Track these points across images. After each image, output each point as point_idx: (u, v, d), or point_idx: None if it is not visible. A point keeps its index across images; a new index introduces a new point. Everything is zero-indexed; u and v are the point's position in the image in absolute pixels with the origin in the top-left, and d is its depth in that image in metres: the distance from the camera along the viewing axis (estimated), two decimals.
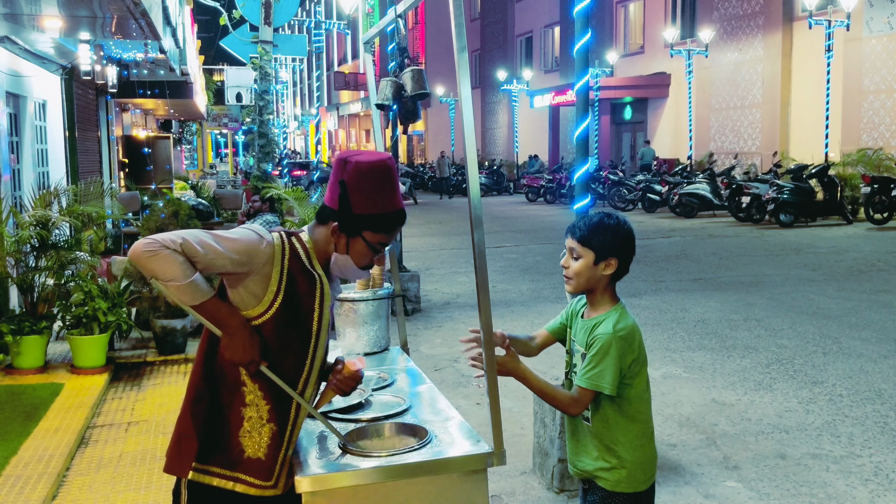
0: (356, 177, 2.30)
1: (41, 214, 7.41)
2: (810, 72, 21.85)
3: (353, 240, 2.33)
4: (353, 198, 2.30)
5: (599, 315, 2.59)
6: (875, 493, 4.37)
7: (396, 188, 2.38)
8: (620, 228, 2.59)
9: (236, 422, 2.32)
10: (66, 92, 11.63)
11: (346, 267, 2.38)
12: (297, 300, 2.30)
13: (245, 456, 2.32)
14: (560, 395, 2.58)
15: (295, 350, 2.34)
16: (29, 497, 4.42)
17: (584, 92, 4.41)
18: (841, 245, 14.17)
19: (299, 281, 2.30)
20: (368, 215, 2.31)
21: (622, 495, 2.60)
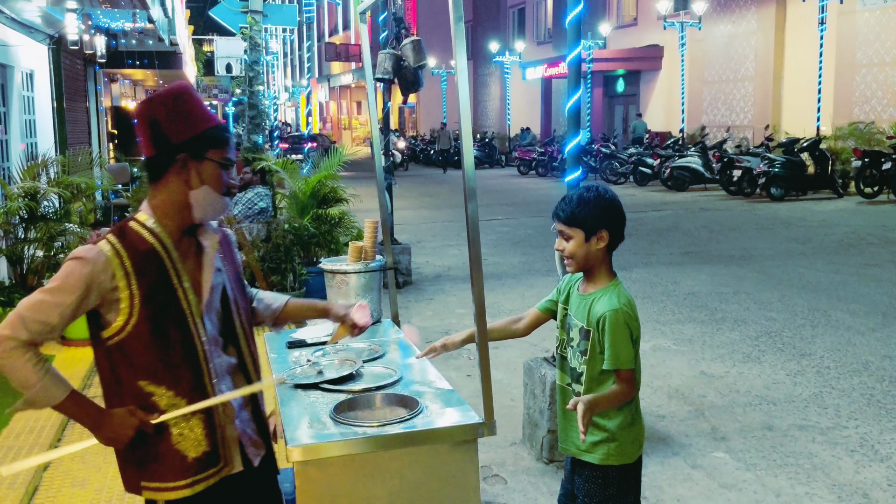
0: (165, 110, 2.20)
1: (29, 185, 7.37)
2: (803, 45, 21.79)
3: (202, 166, 2.21)
4: (175, 128, 2.19)
5: (597, 290, 2.61)
6: (860, 463, 4.42)
7: (202, 104, 2.28)
8: (602, 199, 2.59)
9: (164, 433, 2.22)
10: (54, 62, 11.51)
11: (208, 199, 2.24)
12: (154, 290, 2.17)
13: (190, 459, 2.24)
14: (612, 394, 2.55)
15: (177, 336, 2.20)
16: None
17: (577, 64, 4.39)
18: (831, 219, 14.22)
19: (149, 271, 2.17)
20: (199, 135, 2.21)
21: (612, 468, 2.63)
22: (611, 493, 2.64)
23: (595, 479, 2.65)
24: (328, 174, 8.32)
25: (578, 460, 2.69)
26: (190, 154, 2.20)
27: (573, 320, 2.66)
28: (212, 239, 2.32)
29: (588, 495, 2.66)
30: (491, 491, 4.21)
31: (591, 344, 2.57)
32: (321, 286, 4.27)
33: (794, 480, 4.24)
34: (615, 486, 2.64)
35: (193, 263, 2.29)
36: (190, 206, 2.24)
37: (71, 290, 2.10)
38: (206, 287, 2.29)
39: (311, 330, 3.38)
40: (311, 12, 42.94)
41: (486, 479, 4.34)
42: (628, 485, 2.67)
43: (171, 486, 2.24)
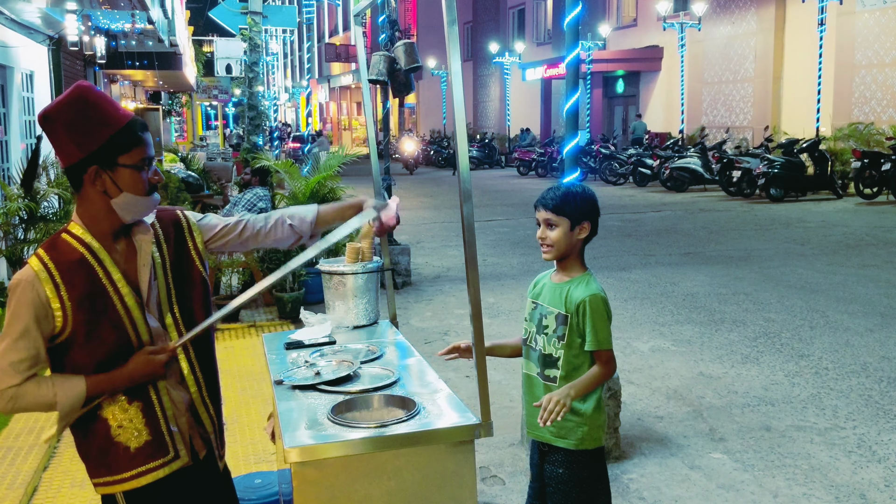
0: (63, 121, 2.15)
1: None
2: (803, 46, 21.79)
3: (115, 174, 2.17)
4: (72, 142, 2.14)
5: (573, 278, 2.77)
6: (858, 464, 4.43)
7: (107, 105, 2.19)
8: (586, 194, 2.78)
9: (103, 428, 2.25)
10: (54, 63, 11.52)
11: (132, 205, 2.22)
12: (86, 299, 2.18)
13: (133, 450, 2.27)
14: (593, 377, 2.71)
15: (114, 339, 2.22)
16: (20, 468, 4.44)
17: (575, 65, 4.40)
18: (830, 219, 14.23)
19: (78, 281, 2.17)
20: (105, 142, 2.15)
21: (585, 452, 2.75)
22: (583, 477, 2.76)
23: (568, 464, 2.76)
24: (327, 175, 8.33)
25: (549, 447, 2.80)
26: (100, 165, 2.16)
27: (547, 309, 2.78)
28: (144, 236, 2.30)
29: (561, 481, 2.76)
30: (489, 492, 4.22)
31: (570, 328, 2.71)
32: (320, 286, 4.29)
33: (791, 481, 4.25)
34: (587, 470, 2.77)
35: (131, 265, 2.29)
36: (114, 212, 2.22)
37: (22, 320, 2.13)
38: (144, 287, 2.28)
39: (309, 331, 3.39)
40: (311, 13, 42.97)
41: (484, 479, 4.36)
42: (599, 468, 2.80)
43: (117, 478, 2.27)
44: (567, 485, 2.74)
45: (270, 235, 2.57)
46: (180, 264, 2.40)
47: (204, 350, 2.46)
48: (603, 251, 11.43)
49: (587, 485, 2.76)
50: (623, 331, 7.26)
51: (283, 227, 2.58)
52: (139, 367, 2.24)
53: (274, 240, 2.59)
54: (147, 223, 2.34)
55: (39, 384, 2.15)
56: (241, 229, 2.54)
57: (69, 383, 2.17)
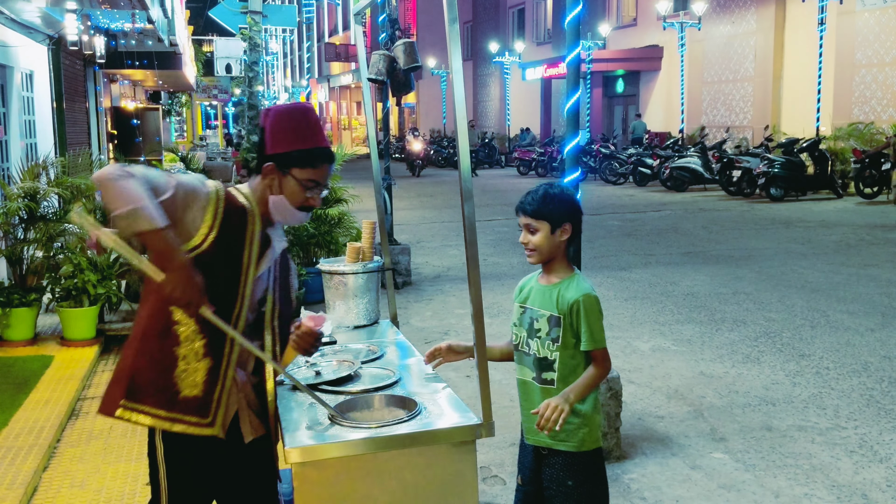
0: (277, 119, 2.46)
1: (29, 186, 7.36)
2: (803, 45, 21.78)
3: (284, 179, 2.44)
4: (270, 139, 2.45)
5: (563, 280, 2.75)
6: (859, 464, 4.42)
7: (320, 129, 2.50)
8: (565, 194, 2.76)
9: (171, 362, 2.39)
10: (54, 62, 11.51)
11: (283, 208, 2.47)
12: (229, 236, 2.39)
13: (181, 396, 2.40)
14: (592, 377, 2.69)
15: (225, 282, 2.41)
16: (20, 468, 4.43)
17: (576, 64, 4.39)
18: (831, 219, 14.22)
19: (233, 219, 2.41)
20: (290, 151, 2.43)
21: (587, 453, 2.74)
22: (584, 479, 2.74)
23: (570, 466, 2.73)
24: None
25: (549, 450, 2.77)
26: (276, 166, 2.44)
27: (538, 312, 2.76)
28: (279, 242, 2.57)
29: (563, 484, 2.73)
30: (490, 492, 4.21)
31: (564, 330, 2.69)
32: (320, 287, 4.28)
33: (793, 481, 4.24)
34: (589, 471, 2.75)
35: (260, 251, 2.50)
36: (267, 206, 2.49)
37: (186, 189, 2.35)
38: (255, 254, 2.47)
39: None
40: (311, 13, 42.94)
41: (485, 479, 4.35)
42: (600, 468, 2.79)
43: (150, 411, 2.39)
44: (570, 487, 2.72)
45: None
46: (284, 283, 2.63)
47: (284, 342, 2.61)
48: (603, 251, 11.43)
49: (589, 486, 2.75)
50: (623, 330, 7.25)
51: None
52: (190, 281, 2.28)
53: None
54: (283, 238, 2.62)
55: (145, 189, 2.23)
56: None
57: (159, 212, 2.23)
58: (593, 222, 14.30)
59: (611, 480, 4.25)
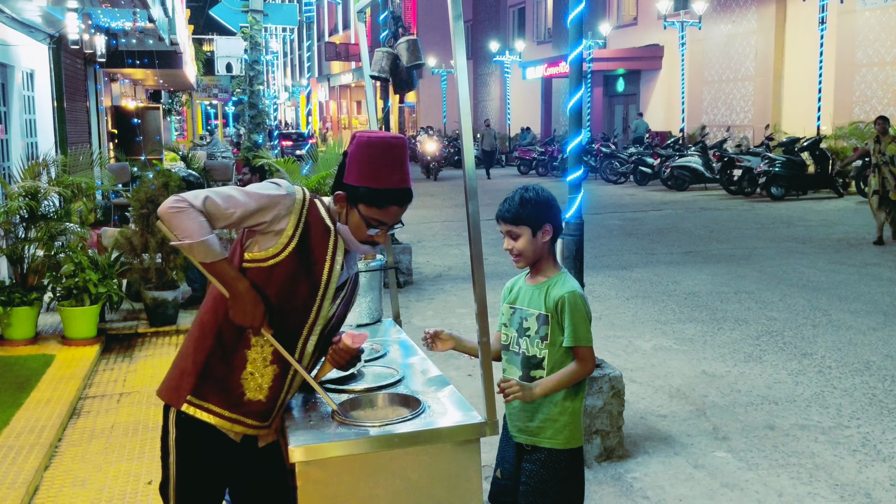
0: (357, 149, 2.40)
1: (30, 185, 7.35)
2: (803, 44, 21.76)
3: (350, 210, 2.41)
4: (349, 168, 2.40)
5: (550, 278, 2.80)
6: (862, 463, 4.42)
7: (401, 168, 2.42)
8: (541, 196, 2.80)
9: (240, 363, 2.41)
10: (55, 61, 11.49)
11: (347, 237, 2.45)
12: (309, 247, 2.39)
13: (245, 398, 2.42)
14: (568, 373, 2.73)
15: (303, 296, 2.40)
16: (21, 467, 4.42)
17: (578, 63, 4.38)
18: (831, 218, 14.21)
19: (314, 230, 2.40)
20: (359, 187, 2.38)
21: (569, 451, 2.79)
22: (563, 477, 2.79)
23: (549, 464, 2.78)
24: (328, 173, 8.30)
25: (531, 447, 2.81)
26: (347, 196, 2.41)
27: (527, 311, 2.81)
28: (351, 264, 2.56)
29: (541, 480, 2.77)
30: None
31: (552, 327, 2.74)
32: None
33: (796, 480, 4.23)
34: (567, 470, 2.80)
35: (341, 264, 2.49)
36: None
37: (258, 200, 2.33)
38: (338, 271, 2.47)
39: None
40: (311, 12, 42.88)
41: (487, 478, 4.33)
42: (578, 467, 2.84)
43: (215, 410, 2.41)
44: (546, 484, 2.77)
45: None
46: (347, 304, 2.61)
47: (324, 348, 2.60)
48: (604, 250, 11.42)
49: (565, 484, 2.80)
50: (625, 329, 7.24)
51: None
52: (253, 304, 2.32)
53: None
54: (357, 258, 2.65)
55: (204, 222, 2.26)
56: None
57: (217, 245, 2.29)
58: (594, 221, 14.28)
59: (613, 479, 4.25)
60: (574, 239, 4.45)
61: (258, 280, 2.36)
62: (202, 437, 2.45)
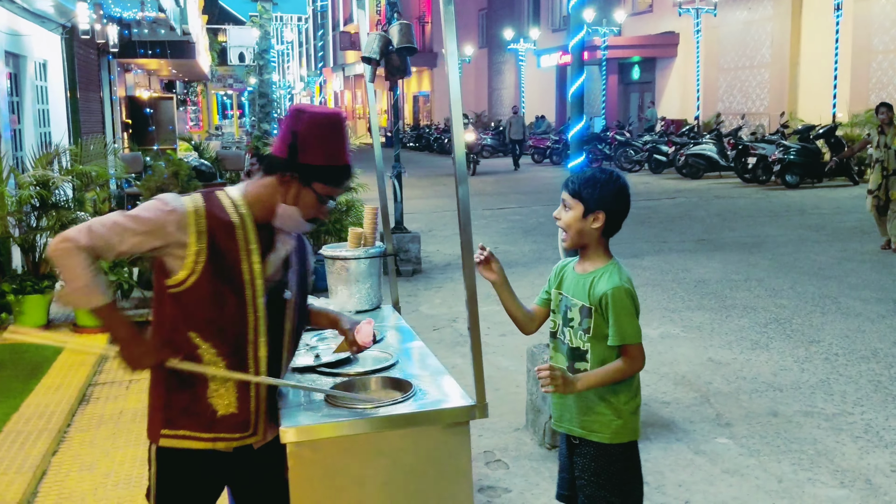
0: (309, 127, 2.30)
1: (42, 174, 7.43)
2: (819, 31, 21.56)
3: (304, 190, 2.32)
4: (304, 147, 2.29)
5: (597, 269, 2.64)
6: (864, 449, 4.41)
7: (346, 143, 2.38)
8: (611, 183, 2.64)
9: (200, 384, 2.33)
10: (67, 51, 11.57)
11: (291, 218, 2.35)
12: (221, 253, 2.28)
13: (218, 416, 2.35)
14: (613, 370, 2.58)
15: (233, 304, 2.31)
16: (30, 452, 4.49)
17: (579, 49, 4.38)
18: (846, 206, 14.10)
19: (220, 235, 2.28)
20: (318, 166, 2.31)
21: (619, 446, 2.64)
22: (615, 470, 2.65)
23: (599, 457, 2.65)
24: None
25: (580, 440, 2.69)
26: (300, 176, 2.30)
27: (571, 300, 2.67)
28: (285, 243, 2.43)
29: (595, 474, 2.65)
30: (493, 476, 4.23)
31: (595, 321, 2.59)
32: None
33: (797, 466, 4.24)
34: (620, 463, 2.66)
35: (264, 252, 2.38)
36: (274, 211, 2.35)
37: (143, 223, 2.22)
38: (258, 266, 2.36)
39: None
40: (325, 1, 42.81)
41: (488, 464, 4.37)
42: (633, 461, 2.70)
43: (192, 435, 2.35)
44: (600, 478, 2.65)
45: None
46: (302, 279, 2.54)
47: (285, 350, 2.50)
48: (615, 238, 11.27)
49: (620, 477, 2.66)
50: None
51: None
52: (139, 350, 2.27)
53: None
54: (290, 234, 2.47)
55: (88, 264, 2.18)
56: None
57: (100, 290, 2.21)
58: None
59: None
60: None
61: (185, 303, 2.28)
62: (189, 464, 2.39)
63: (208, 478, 2.45)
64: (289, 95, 48.12)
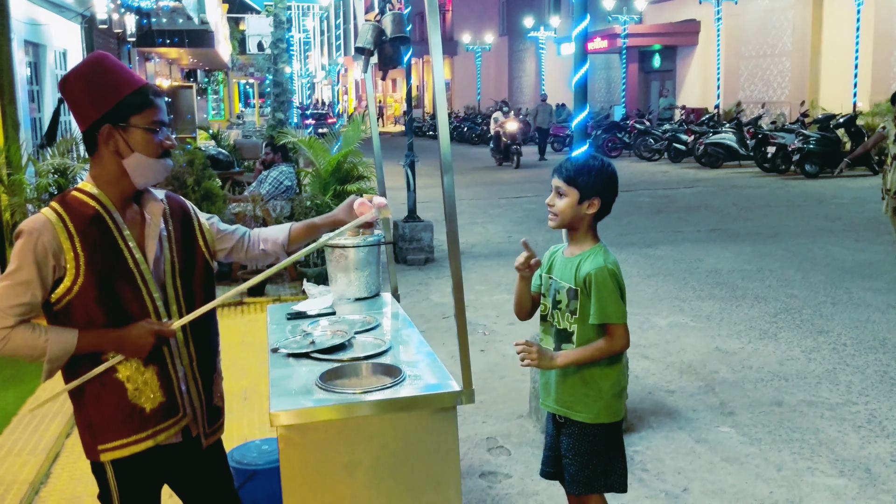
0: (77, 83, 2.25)
1: (60, 162, 7.54)
2: (841, 19, 21.31)
3: (128, 133, 2.24)
4: (89, 102, 2.22)
5: (584, 252, 2.73)
6: (866, 439, 4.42)
7: (124, 69, 2.30)
8: (604, 170, 2.72)
9: (119, 390, 2.29)
10: (87, 41, 11.70)
11: (144, 166, 2.27)
12: (98, 249, 2.22)
13: (148, 411, 2.32)
14: (593, 348, 2.68)
15: (127, 292, 2.27)
16: (43, 434, 4.60)
17: (582, 38, 4.41)
18: (865, 196, 13.97)
19: (90, 230, 2.22)
20: (118, 103, 2.22)
21: (602, 426, 2.75)
22: (599, 450, 2.76)
23: (583, 437, 2.75)
24: (349, 150, 8.39)
25: (565, 419, 2.78)
26: (112, 124, 2.22)
27: (559, 283, 2.76)
28: (154, 209, 2.38)
29: (578, 453, 2.76)
30: (495, 461, 4.28)
31: (581, 303, 2.68)
32: None
33: (797, 455, 4.25)
34: (603, 443, 2.76)
35: (139, 232, 2.34)
36: (127, 175, 2.28)
37: (27, 265, 2.17)
38: (151, 255, 2.34)
39: (311, 303, 3.46)
40: None
41: (490, 450, 4.42)
42: (616, 441, 2.80)
43: (131, 440, 2.30)
44: (584, 457, 2.75)
45: (250, 253, 2.68)
46: (186, 242, 2.46)
47: (200, 326, 2.47)
48: (630, 228, 11.38)
49: (603, 457, 2.76)
50: (643, 307, 7.25)
51: (257, 248, 2.67)
52: (134, 335, 2.25)
53: (251, 257, 2.70)
54: (158, 197, 2.42)
55: (32, 329, 2.18)
56: (235, 240, 2.64)
57: (61, 333, 2.20)
58: (624, 199, 14.20)
59: None
60: None
61: (79, 311, 2.22)
62: (140, 467, 2.36)
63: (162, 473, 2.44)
64: (309, 84, 48.27)
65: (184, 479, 2.53)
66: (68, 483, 4.18)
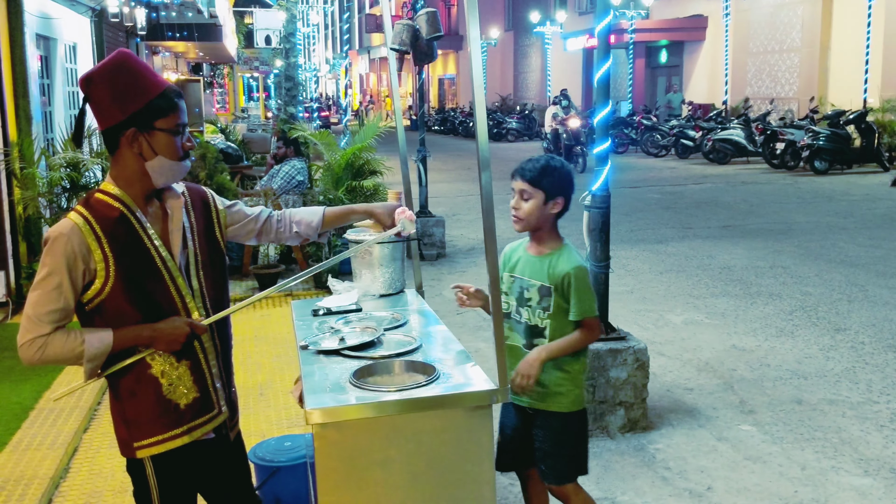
0: (104, 84, 2.23)
1: (72, 156, 7.53)
2: (851, 15, 21.21)
3: (151, 136, 2.24)
4: (114, 104, 2.22)
5: (554, 251, 2.86)
6: (889, 438, 4.39)
7: (150, 71, 2.31)
8: (565, 170, 2.86)
9: (153, 385, 2.31)
10: (96, 34, 11.68)
11: (166, 168, 2.28)
12: (126, 250, 2.24)
13: (182, 407, 2.34)
14: (574, 340, 2.83)
15: (158, 290, 2.29)
16: (61, 429, 4.59)
17: (606, 34, 4.36)
18: (875, 193, 13.93)
19: (116, 231, 2.23)
20: (145, 106, 2.22)
21: (576, 414, 2.91)
22: (578, 438, 2.93)
23: (564, 426, 2.90)
24: (363, 146, 8.37)
25: (535, 411, 2.91)
26: (138, 127, 2.23)
27: (528, 281, 2.87)
28: (176, 202, 2.38)
29: (557, 443, 2.89)
30: None
31: (555, 300, 2.81)
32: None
33: (820, 454, 4.23)
34: (581, 430, 2.94)
35: (162, 227, 2.36)
36: (148, 175, 2.29)
37: (58, 271, 2.18)
38: (177, 250, 2.35)
39: (335, 299, 3.44)
40: None
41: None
42: (584, 427, 2.97)
43: (167, 436, 2.33)
44: (562, 446, 2.88)
45: (281, 235, 2.71)
46: (208, 232, 2.48)
47: (222, 320, 2.48)
48: (641, 224, 11.35)
49: (581, 444, 2.93)
50: (656, 304, 7.22)
51: (290, 231, 2.71)
52: (169, 328, 2.27)
53: (282, 239, 2.73)
54: (178, 191, 2.42)
55: (68, 334, 2.20)
56: (262, 222, 2.66)
57: (96, 333, 2.22)
58: (632, 195, 14.20)
59: (636, 450, 4.28)
60: (601, 212, 4.44)
61: (111, 312, 2.24)
62: (178, 463, 2.38)
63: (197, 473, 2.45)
64: (314, 78, 48.19)
65: (212, 476, 2.53)
66: (88, 478, 4.18)
